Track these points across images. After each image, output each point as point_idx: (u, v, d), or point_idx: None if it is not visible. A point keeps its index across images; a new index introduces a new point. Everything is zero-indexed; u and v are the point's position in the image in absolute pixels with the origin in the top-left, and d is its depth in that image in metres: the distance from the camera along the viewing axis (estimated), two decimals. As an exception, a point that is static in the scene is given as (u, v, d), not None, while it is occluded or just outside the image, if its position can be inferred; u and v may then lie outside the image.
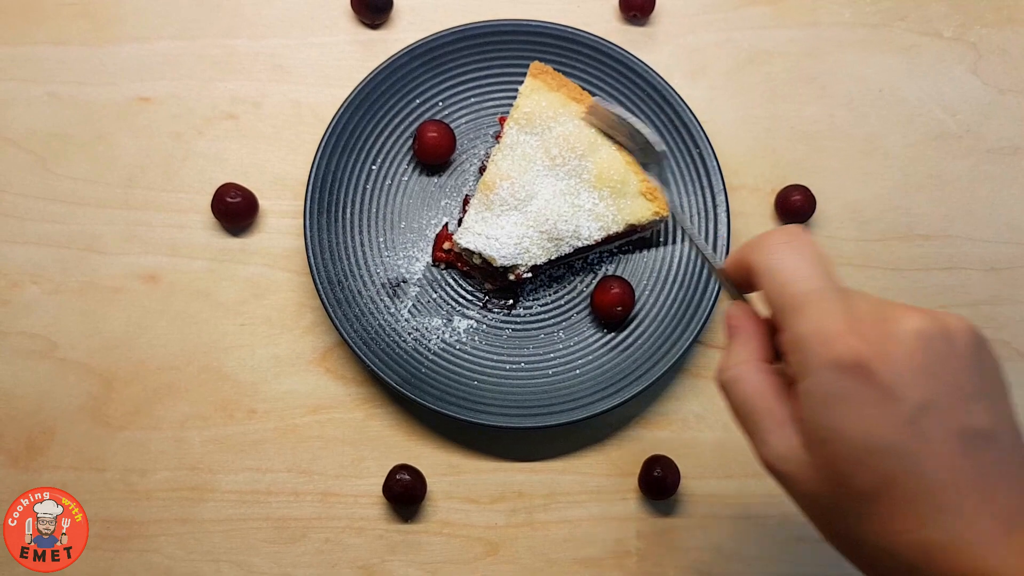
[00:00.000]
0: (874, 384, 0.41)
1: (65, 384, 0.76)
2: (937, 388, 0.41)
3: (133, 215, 0.80)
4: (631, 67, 0.81)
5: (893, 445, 0.40)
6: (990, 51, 0.88)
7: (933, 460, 0.40)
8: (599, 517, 0.76)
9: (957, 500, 0.40)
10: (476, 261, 0.75)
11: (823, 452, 0.42)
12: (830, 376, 0.41)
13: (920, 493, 0.40)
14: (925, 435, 0.40)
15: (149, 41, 0.84)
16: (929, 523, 0.40)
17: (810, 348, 0.42)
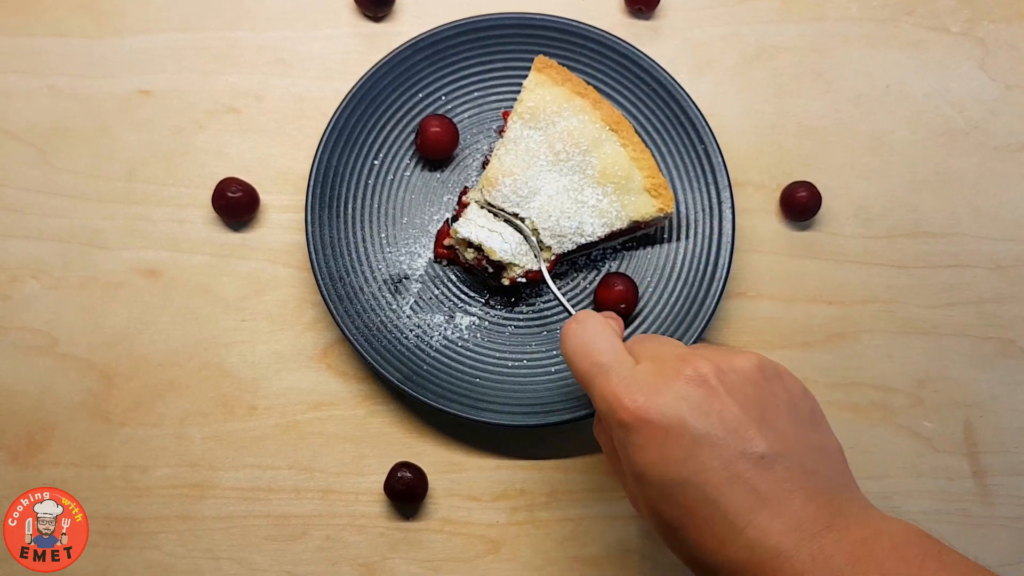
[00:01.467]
0: (653, 430, 0.48)
1: (65, 380, 0.76)
2: (710, 424, 0.47)
3: (134, 209, 0.79)
4: (636, 61, 0.80)
5: (679, 479, 0.47)
6: (998, 47, 0.87)
7: (718, 486, 0.46)
8: (601, 516, 0.75)
9: (747, 519, 0.45)
10: (469, 256, 0.74)
11: (641, 492, 0.50)
12: (620, 432, 0.50)
13: (715, 517, 0.46)
14: (706, 465, 0.47)
15: (150, 33, 0.83)
16: (728, 543, 0.46)
17: (603, 413, 0.51)
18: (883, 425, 0.78)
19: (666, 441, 0.47)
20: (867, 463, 0.77)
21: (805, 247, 0.82)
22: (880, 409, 0.78)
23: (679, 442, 0.47)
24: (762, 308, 0.80)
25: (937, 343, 0.80)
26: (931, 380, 0.80)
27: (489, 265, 0.73)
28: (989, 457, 0.78)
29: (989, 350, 0.80)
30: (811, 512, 0.46)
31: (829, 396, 0.78)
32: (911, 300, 0.81)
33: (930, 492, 0.77)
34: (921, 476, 0.77)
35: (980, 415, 0.79)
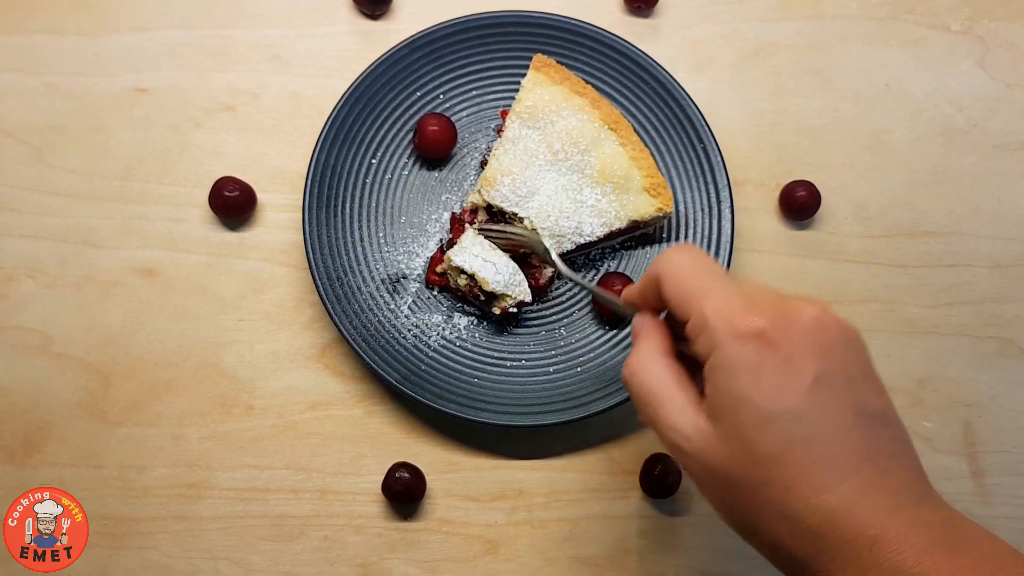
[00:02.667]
0: (775, 353, 0.44)
1: (62, 380, 0.76)
2: (832, 366, 0.45)
3: (130, 208, 0.79)
4: (635, 60, 0.79)
5: (794, 410, 0.44)
6: (998, 45, 0.87)
7: (831, 428, 0.44)
8: (600, 516, 0.75)
9: (853, 470, 0.43)
10: (461, 283, 0.73)
11: (730, 421, 0.45)
12: (735, 347, 0.45)
13: (822, 459, 0.44)
14: (824, 404, 0.44)
15: (146, 31, 0.83)
16: (829, 488, 0.43)
17: (715, 325, 0.46)
18: (882, 425, 0.78)
19: (786, 369, 0.44)
20: (866, 463, 0.77)
21: (804, 246, 0.82)
22: (879, 409, 0.78)
23: (800, 374, 0.44)
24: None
25: (936, 343, 0.80)
26: (930, 380, 0.79)
27: (481, 293, 0.72)
28: (988, 457, 0.78)
29: (988, 350, 0.80)
30: (911, 481, 0.45)
31: (828, 396, 0.78)
32: (910, 299, 0.81)
33: (929, 492, 0.77)
34: (920, 476, 0.77)
35: (979, 415, 0.79)
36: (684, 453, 0.48)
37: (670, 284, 0.50)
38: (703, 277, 0.49)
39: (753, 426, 0.44)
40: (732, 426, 0.45)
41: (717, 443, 0.46)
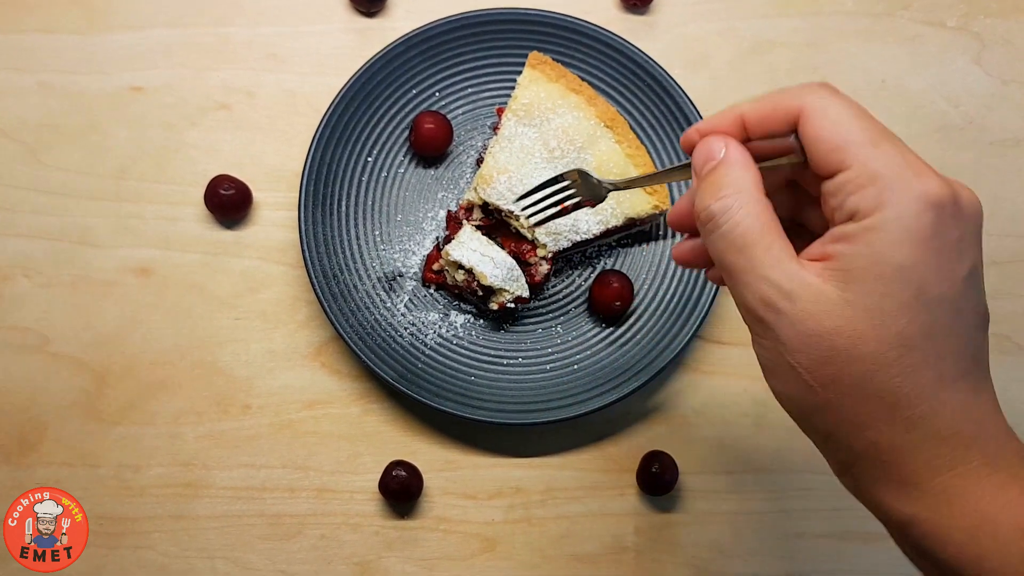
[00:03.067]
0: (950, 232, 0.40)
1: (57, 379, 0.75)
2: (979, 262, 0.42)
3: (125, 207, 0.79)
4: (630, 57, 0.79)
5: (949, 299, 0.40)
6: (994, 41, 0.87)
7: (967, 327, 0.42)
8: (597, 513, 0.75)
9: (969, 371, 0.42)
10: (459, 278, 0.73)
11: (873, 290, 0.40)
12: (913, 210, 0.39)
13: (951, 353, 0.41)
14: (968, 300, 0.41)
15: (141, 29, 0.83)
16: (947, 384, 0.41)
17: (898, 180, 0.39)
18: (879, 422, 0.78)
19: (955, 254, 0.41)
20: (862, 460, 0.77)
21: (801, 243, 0.82)
22: (876, 406, 0.78)
23: (963, 262, 0.41)
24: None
25: (933, 339, 0.80)
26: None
27: (479, 289, 0.72)
28: (984, 453, 0.78)
29: (984, 346, 0.80)
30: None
31: (825, 393, 0.78)
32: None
33: (925, 488, 0.77)
34: (916, 472, 0.77)
35: None
36: (778, 312, 0.41)
37: (824, 123, 0.41)
38: (870, 125, 0.41)
39: (901, 303, 0.40)
40: (874, 296, 0.40)
41: (838, 309, 0.40)
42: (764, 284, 0.42)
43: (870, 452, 0.42)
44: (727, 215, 0.43)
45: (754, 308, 0.42)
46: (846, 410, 0.42)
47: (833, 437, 0.43)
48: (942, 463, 0.41)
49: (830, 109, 0.42)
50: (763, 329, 0.42)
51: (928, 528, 0.41)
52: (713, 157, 0.44)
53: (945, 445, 0.41)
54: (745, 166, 0.44)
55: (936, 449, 0.41)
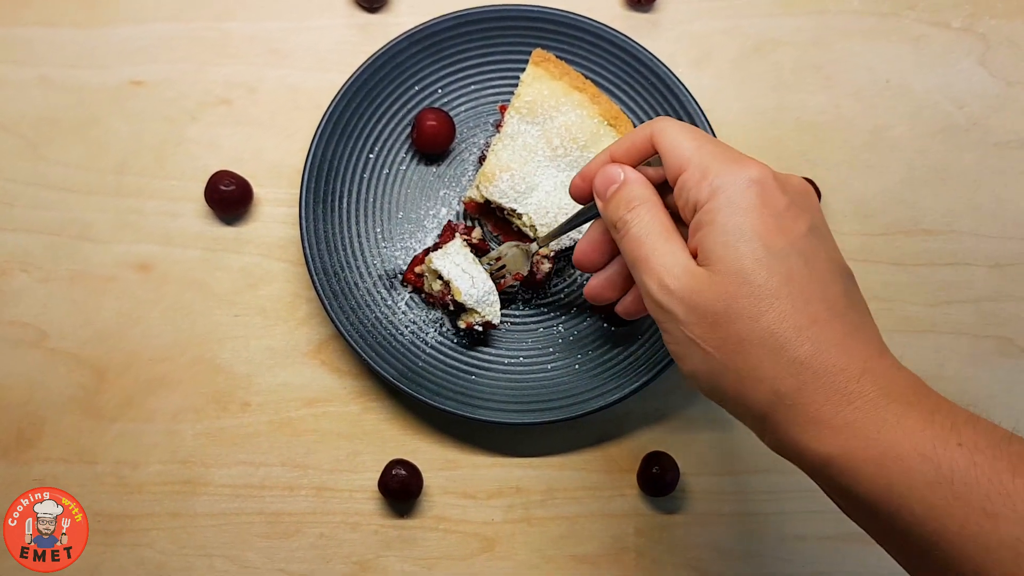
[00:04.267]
0: (776, 199, 0.48)
1: (55, 375, 0.75)
2: (819, 222, 0.51)
3: (125, 202, 0.78)
4: (635, 55, 0.79)
5: (795, 248, 0.48)
6: (999, 43, 0.86)
7: (822, 273, 0.48)
8: (597, 514, 0.75)
9: (840, 312, 0.48)
10: (435, 287, 0.73)
11: (729, 256, 0.48)
12: (739, 188, 0.48)
13: (814, 297, 0.47)
14: (816, 251, 0.49)
15: (142, 23, 0.82)
16: (819, 322, 0.46)
17: (718, 171, 0.49)
18: (880, 423, 0.77)
19: (787, 215, 0.49)
20: (864, 462, 0.77)
21: (803, 244, 0.81)
22: (877, 407, 0.78)
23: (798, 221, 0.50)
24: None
25: (935, 341, 0.80)
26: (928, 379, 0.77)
27: (452, 303, 0.72)
28: (986, 456, 0.78)
29: (987, 349, 0.80)
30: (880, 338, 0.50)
31: (826, 394, 0.78)
32: (909, 298, 0.81)
33: (927, 491, 0.76)
34: (918, 475, 0.77)
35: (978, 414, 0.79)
36: (670, 292, 0.49)
37: (668, 138, 0.52)
38: (698, 135, 0.52)
39: (754, 259, 0.47)
40: (730, 261, 0.47)
41: (709, 282, 0.48)
42: (662, 271, 0.50)
43: (775, 401, 0.46)
44: (637, 219, 0.52)
45: (654, 293, 0.50)
46: (741, 365, 0.47)
47: (741, 397, 0.48)
48: (839, 398, 0.45)
49: (669, 129, 0.53)
50: (664, 315, 0.50)
51: (841, 464, 0.44)
52: (615, 180, 0.55)
53: (837, 378, 0.45)
54: (643, 183, 0.54)
55: (830, 384, 0.45)
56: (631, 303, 0.62)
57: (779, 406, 0.46)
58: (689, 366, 0.50)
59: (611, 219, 0.54)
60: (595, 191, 0.56)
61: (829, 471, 0.45)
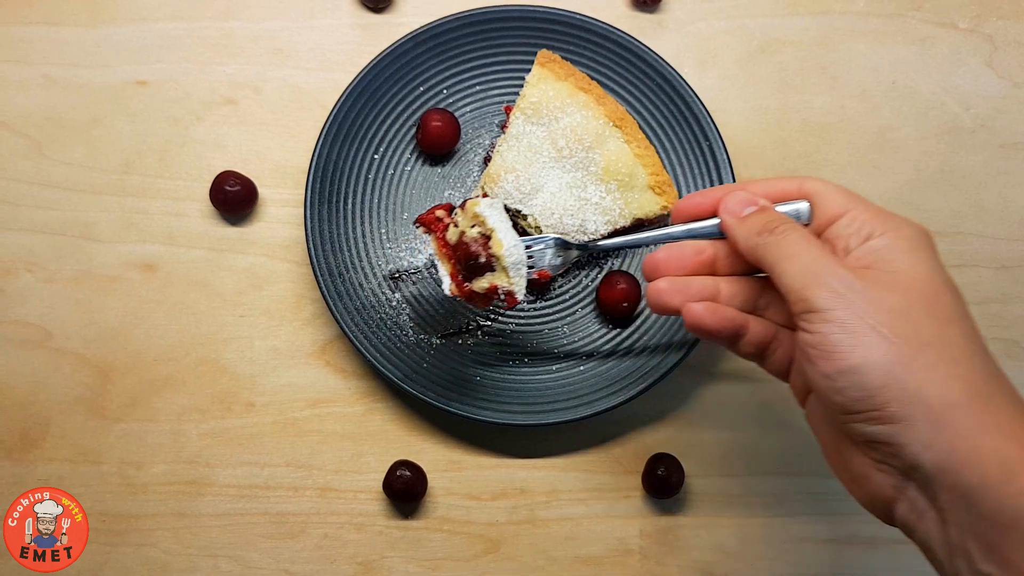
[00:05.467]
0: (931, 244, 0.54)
1: (60, 375, 0.75)
2: None
3: (129, 202, 0.78)
4: (640, 56, 0.79)
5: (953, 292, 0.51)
6: (1006, 43, 0.86)
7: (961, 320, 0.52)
8: (602, 515, 0.75)
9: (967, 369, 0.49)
10: (472, 235, 0.65)
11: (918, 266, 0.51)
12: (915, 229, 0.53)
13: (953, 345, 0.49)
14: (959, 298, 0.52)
15: (146, 23, 0.82)
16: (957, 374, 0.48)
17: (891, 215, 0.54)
18: (885, 425, 0.77)
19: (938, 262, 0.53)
20: (869, 464, 0.76)
21: (809, 245, 0.81)
22: (882, 409, 0.78)
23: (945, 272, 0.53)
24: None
25: (940, 343, 0.80)
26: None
27: (482, 255, 0.65)
28: (991, 458, 0.78)
29: (993, 351, 0.78)
30: None
31: (831, 396, 0.78)
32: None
33: (932, 493, 0.76)
34: (923, 477, 0.77)
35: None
36: (840, 295, 0.48)
37: (820, 186, 0.55)
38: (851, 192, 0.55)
39: (940, 274, 0.51)
40: (918, 268, 0.50)
41: (891, 279, 0.49)
42: (824, 272, 0.49)
43: (967, 399, 0.46)
44: (789, 234, 0.52)
45: (813, 296, 0.49)
46: (935, 358, 0.47)
47: (921, 392, 0.46)
48: None
49: (821, 182, 0.56)
50: (822, 314, 0.48)
51: None
52: (753, 203, 0.56)
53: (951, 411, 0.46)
54: (786, 217, 0.55)
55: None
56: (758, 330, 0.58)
57: (975, 401, 0.46)
58: (860, 355, 0.47)
59: (751, 234, 0.54)
60: (725, 209, 0.57)
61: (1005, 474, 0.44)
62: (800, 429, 0.76)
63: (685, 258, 0.59)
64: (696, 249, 0.59)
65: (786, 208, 0.56)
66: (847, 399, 0.47)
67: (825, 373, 0.48)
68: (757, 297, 0.58)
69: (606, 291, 0.75)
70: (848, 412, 0.48)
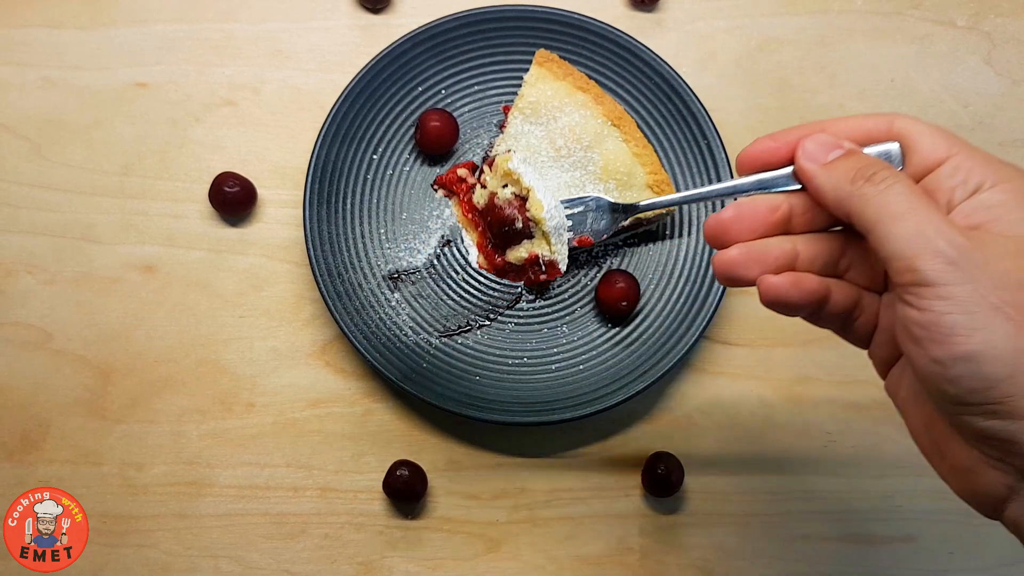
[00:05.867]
0: None
1: (60, 376, 0.75)
2: None
3: (129, 204, 0.78)
4: (638, 55, 0.79)
5: None
6: (1005, 41, 0.86)
7: None
8: (601, 514, 0.75)
9: None
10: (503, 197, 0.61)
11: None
12: None
13: None
14: None
15: (145, 24, 0.82)
16: None
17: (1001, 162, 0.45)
18: (886, 423, 0.77)
19: None
20: (869, 462, 0.76)
21: (808, 244, 0.81)
22: (883, 407, 0.78)
23: None
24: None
25: (940, 341, 0.80)
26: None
27: (518, 220, 0.61)
28: (991, 456, 0.78)
29: None
30: None
31: (831, 394, 0.78)
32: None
33: (933, 491, 0.76)
34: (923, 475, 0.75)
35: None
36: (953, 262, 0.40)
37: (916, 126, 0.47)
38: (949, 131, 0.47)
39: None
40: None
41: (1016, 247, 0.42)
42: (938, 237, 0.40)
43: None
44: (891, 175, 0.43)
45: (926, 266, 0.40)
46: None
47: None
48: None
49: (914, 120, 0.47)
50: (936, 289, 0.40)
51: None
52: (839, 147, 0.47)
53: None
54: (886, 163, 0.45)
55: None
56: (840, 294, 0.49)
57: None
58: (980, 340, 0.39)
59: (843, 182, 0.45)
60: (805, 154, 0.48)
61: None
62: (801, 427, 0.77)
63: (758, 217, 0.49)
64: (770, 205, 0.49)
65: (874, 151, 0.48)
66: (961, 390, 0.40)
67: (936, 358, 0.40)
68: (839, 257, 0.49)
69: (605, 290, 0.75)
70: (961, 403, 0.41)
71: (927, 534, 0.75)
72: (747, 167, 0.51)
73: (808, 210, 0.49)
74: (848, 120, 0.49)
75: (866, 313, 0.49)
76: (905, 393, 0.48)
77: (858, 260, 0.49)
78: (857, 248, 0.49)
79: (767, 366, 0.78)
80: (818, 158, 0.47)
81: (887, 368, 0.50)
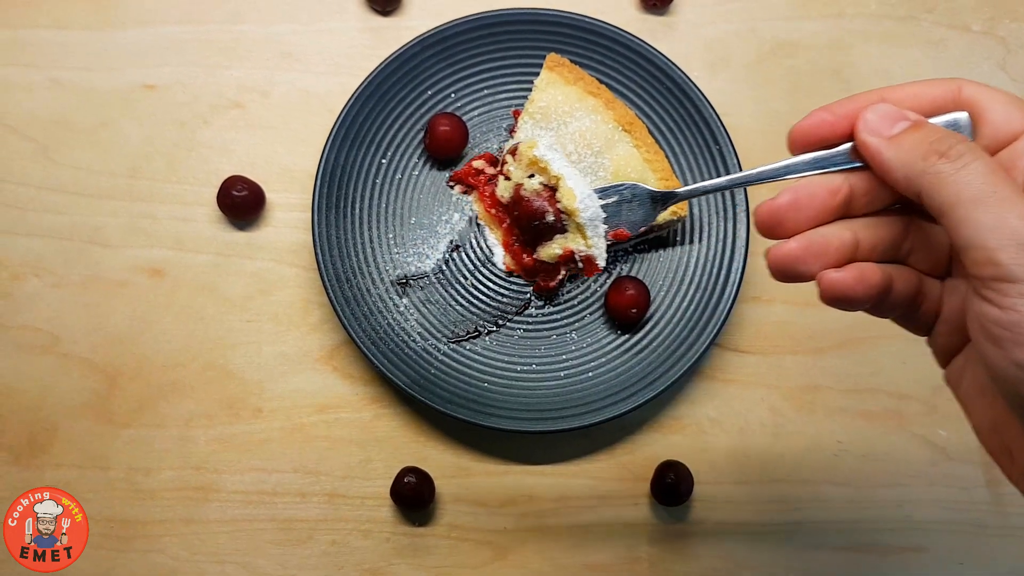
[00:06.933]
0: None
1: (68, 380, 0.75)
2: None
3: (137, 207, 0.78)
4: (650, 59, 0.78)
5: None
6: (1019, 46, 0.85)
7: None
8: (610, 523, 0.74)
9: None
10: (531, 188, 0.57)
11: None
12: None
13: None
14: None
15: (153, 26, 0.82)
16: None
17: None
18: (897, 432, 0.77)
19: None
20: (880, 471, 0.76)
21: (820, 250, 0.80)
22: (894, 416, 0.77)
23: None
24: (776, 312, 0.79)
25: (953, 349, 0.79)
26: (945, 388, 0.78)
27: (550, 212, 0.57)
28: (1004, 466, 0.77)
29: (1005, 357, 0.79)
30: None
31: (843, 403, 0.77)
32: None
33: (944, 501, 0.76)
34: (934, 484, 0.76)
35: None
36: None
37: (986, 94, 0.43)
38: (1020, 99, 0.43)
39: None
40: None
41: None
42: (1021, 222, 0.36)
43: None
44: (968, 151, 0.39)
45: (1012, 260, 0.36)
46: None
47: None
48: None
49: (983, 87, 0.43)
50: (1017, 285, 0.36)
51: None
52: (905, 118, 0.43)
53: None
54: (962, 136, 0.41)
55: None
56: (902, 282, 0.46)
57: None
58: None
59: (914, 159, 0.41)
60: (867, 127, 0.43)
61: None
62: (811, 436, 0.76)
63: (816, 203, 0.44)
64: (830, 188, 0.44)
65: (939, 121, 0.43)
66: None
67: (1019, 362, 0.37)
68: (901, 241, 0.45)
69: (615, 297, 0.74)
70: None
71: (938, 544, 0.75)
72: (801, 144, 0.46)
73: (869, 191, 0.44)
74: (909, 86, 0.44)
75: (928, 300, 0.46)
76: (968, 386, 0.45)
77: (920, 243, 0.46)
78: (920, 231, 0.45)
79: (778, 374, 0.78)
80: (883, 131, 0.43)
81: (948, 358, 0.46)
